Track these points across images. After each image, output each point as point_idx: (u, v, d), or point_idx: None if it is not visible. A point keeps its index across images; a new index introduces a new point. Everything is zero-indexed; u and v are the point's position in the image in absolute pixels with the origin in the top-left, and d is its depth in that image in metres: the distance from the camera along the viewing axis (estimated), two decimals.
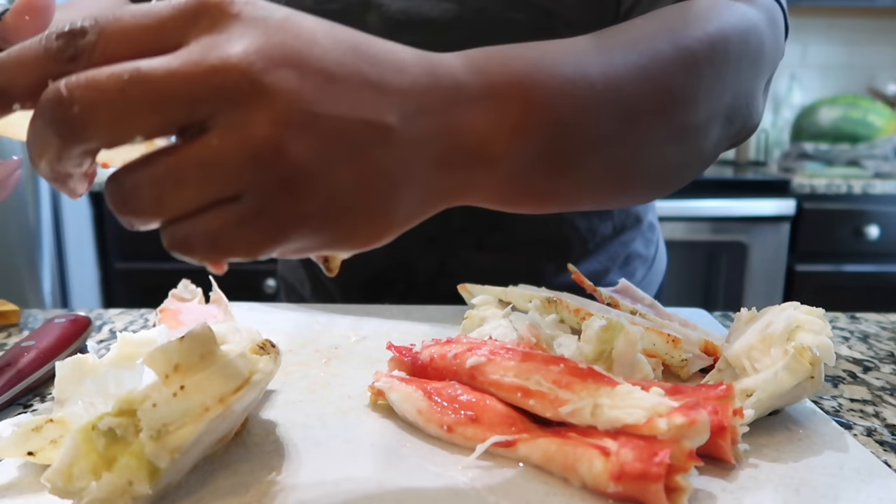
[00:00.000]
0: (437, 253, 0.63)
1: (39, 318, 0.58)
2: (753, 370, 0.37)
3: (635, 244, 0.71)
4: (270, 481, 0.31)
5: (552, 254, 0.65)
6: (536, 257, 0.65)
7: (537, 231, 0.64)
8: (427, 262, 0.64)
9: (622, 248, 0.70)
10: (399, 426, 0.36)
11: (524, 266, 0.64)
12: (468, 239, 0.63)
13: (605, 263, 0.68)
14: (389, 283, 0.64)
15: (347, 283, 0.66)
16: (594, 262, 0.67)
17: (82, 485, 0.26)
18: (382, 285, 0.64)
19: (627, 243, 0.70)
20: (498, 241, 0.63)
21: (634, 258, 0.71)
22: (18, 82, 0.24)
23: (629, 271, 0.71)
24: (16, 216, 1.64)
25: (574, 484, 0.30)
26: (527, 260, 0.64)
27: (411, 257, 0.63)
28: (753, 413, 0.34)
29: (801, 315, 0.37)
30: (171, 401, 0.27)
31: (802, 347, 0.35)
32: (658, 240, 0.76)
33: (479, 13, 0.55)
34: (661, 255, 0.76)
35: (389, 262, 0.64)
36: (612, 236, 0.68)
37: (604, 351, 0.39)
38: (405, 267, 0.64)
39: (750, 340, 0.37)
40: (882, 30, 2.30)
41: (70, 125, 0.22)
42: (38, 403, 0.41)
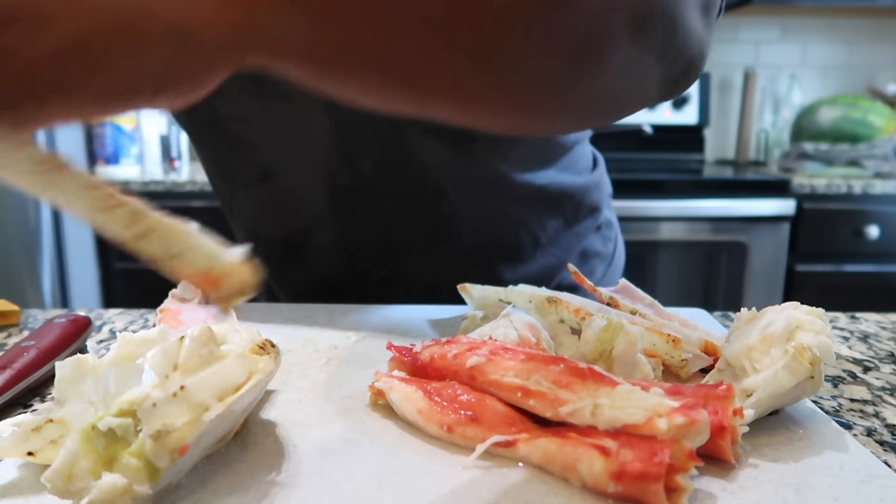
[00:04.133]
0: (387, 261, 0.63)
1: (39, 318, 0.58)
2: (753, 370, 0.37)
3: (592, 240, 0.70)
4: (270, 481, 0.31)
5: (505, 255, 0.64)
6: (489, 261, 0.64)
7: (486, 234, 0.63)
8: (378, 270, 0.64)
9: (577, 241, 0.68)
10: (399, 426, 0.36)
11: (478, 269, 0.62)
12: (415, 247, 0.62)
13: (560, 257, 0.67)
14: (342, 292, 0.64)
15: (300, 293, 0.67)
16: (549, 256, 0.66)
17: (82, 485, 0.26)
18: (335, 293, 0.64)
19: (582, 235, 0.69)
20: (446, 249, 0.62)
21: (592, 256, 0.71)
22: None
23: (588, 269, 0.70)
24: (16, 216, 1.64)
25: (574, 484, 0.30)
26: (479, 263, 0.63)
27: (361, 266, 0.63)
28: (753, 413, 0.34)
29: (801, 315, 0.37)
30: (171, 401, 0.27)
31: (802, 347, 0.35)
32: (616, 237, 0.75)
33: None
34: (619, 253, 0.76)
35: (339, 271, 0.64)
36: (564, 228, 0.66)
37: (604, 351, 0.39)
38: (356, 275, 0.64)
39: (750, 340, 0.37)
40: (882, 30, 2.30)
41: None
42: (38, 403, 0.41)
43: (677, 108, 2.24)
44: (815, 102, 2.07)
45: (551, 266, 0.66)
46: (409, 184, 0.59)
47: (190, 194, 1.85)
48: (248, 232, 0.66)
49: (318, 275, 0.64)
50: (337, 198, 0.60)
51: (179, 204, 1.85)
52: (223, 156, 0.62)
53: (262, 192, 0.62)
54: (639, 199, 1.76)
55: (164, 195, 1.85)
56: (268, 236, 0.65)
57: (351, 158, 0.58)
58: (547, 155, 0.63)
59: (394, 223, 0.61)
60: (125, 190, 0.28)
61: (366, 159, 0.58)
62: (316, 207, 0.61)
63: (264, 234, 0.65)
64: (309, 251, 0.64)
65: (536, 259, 0.65)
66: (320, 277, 0.64)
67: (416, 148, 0.57)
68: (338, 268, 0.64)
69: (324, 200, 0.60)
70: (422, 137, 0.57)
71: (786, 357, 0.35)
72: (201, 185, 1.84)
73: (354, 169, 0.59)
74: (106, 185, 0.28)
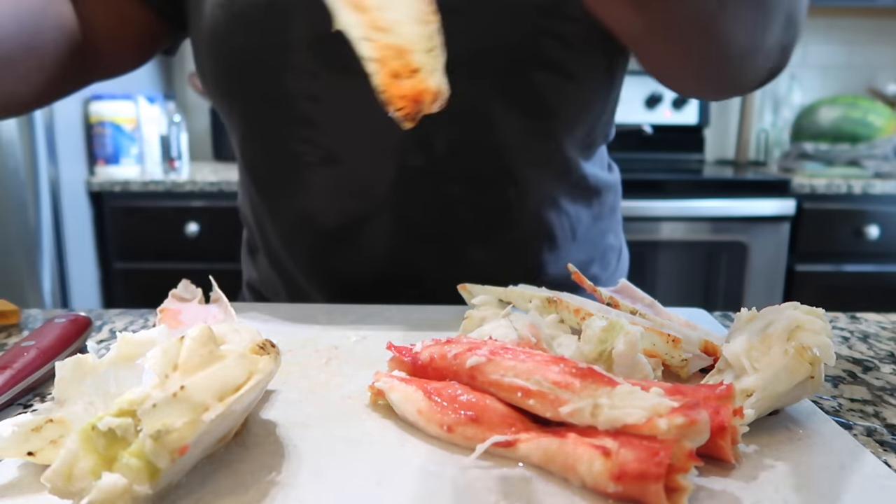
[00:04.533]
0: (442, 252, 0.62)
1: (39, 318, 0.58)
2: (753, 370, 0.37)
3: (609, 236, 0.72)
4: (270, 481, 0.31)
5: (549, 247, 0.64)
6: (536, 252, 0.64)
7: (539, 223, 0.63)
8: (429, 262, 0.62)
9: (600, 238, 0.70)
10: (399, 426, 0.36)
11: (525, 261, 0.63)
12: (474, 235, 0.62)
13: (588, 252, 0.68)
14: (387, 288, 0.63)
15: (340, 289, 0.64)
16: (580, 251, 0.67)
17: (82, 485, 0.26)
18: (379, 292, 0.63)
19: (604, 233, 0.70)
20: (502, 238, 0.62)
21: (608, 249, 0.72)
22: None
23: (605, 262, 0.71)
24: (16, 216, 1.64)
25: (574, 484, 0.30)
26: (527, 255, 0.64)
27: (412, 257, 0.62)
28: (753, 413, 0.34)
29: (801, 315, 0.37)
30: (171, 401, 0.27)
31: (802, 347, 0.35)
32: (621, 232, 0.77)
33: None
34: (625, 248, 0.77)
35: (389, 262, 0.63)
36: (592, 223, 0.68)
37: (604, 351, 0.39)
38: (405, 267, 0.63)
39: (750, 340, 0.37)
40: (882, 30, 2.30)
41: None
42: (38, 403, 0.41)
43: (677, 108, 2.24)
44: (815, 102, 2.07)
45: (581, 262, 0.68)
46: (480, 165, 0.59)
47: (190, 194, 1.85)
48: (300, 220, 0.63)
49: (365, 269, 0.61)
50: (403, 181, 0.59)
51: (179, 204, 1.85)
52: (286, 137, 0.60)
53: (324, 175, 0.60)
54: (639, 199, 1.76)
55: (164, 195, 1.85)
56: (322, 224, 0.62)
57: (425, 138, 0.57)
58: (593, 142, 0.64)
59: (457, 208, 0.60)
60: None
61: (440, 138, 0.57)
62: (379, 191, 0.59)
63: (319, 221, 0.62)
64: (364, 240, 0.62)
65: (571, 253, 0.66)
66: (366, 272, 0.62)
67: (495, 124, 0.57)
68: (388, 260, 0.62)
69: (388, 184, 0.59)
70: (505, 112, 0.56)
71: (786, 357, 0.35)
72: (201, 185, 1.84)
73: (427, 149, 0.57)
74: None
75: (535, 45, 0.54)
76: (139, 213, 1.87)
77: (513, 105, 0.56)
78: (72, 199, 1.78)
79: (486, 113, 0.57)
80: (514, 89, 0.56)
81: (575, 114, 0.59)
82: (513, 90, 0.56)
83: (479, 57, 0.54)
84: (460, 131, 0.57)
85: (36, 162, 1.64)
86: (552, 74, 0.55)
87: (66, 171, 1.75)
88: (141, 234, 1.88)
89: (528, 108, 0.57)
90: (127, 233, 1.88)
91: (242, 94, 0.59)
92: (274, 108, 0.59)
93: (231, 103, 0.61)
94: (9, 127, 1.60)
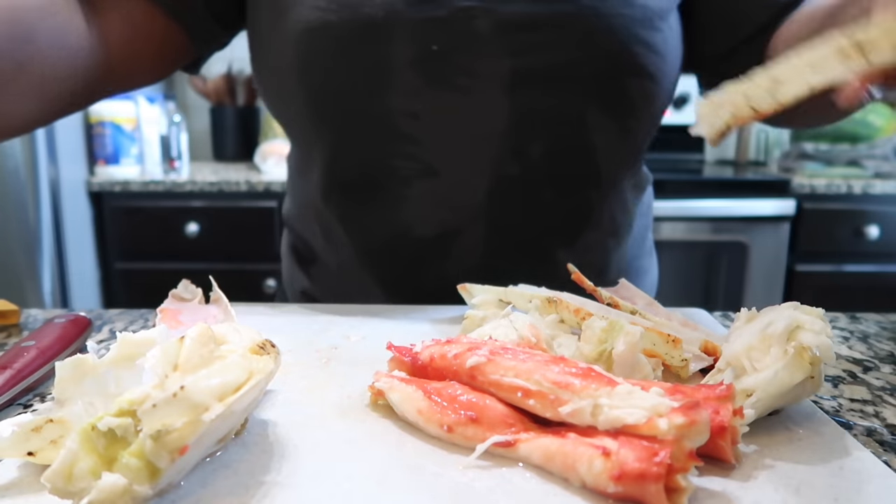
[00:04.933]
0: (532, 257, 0.63)
1: (39, 318, 0.58)
2: (753, 370, 0.37)
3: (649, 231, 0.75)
4: (270, 481, 0.31)
5: (616, 245, 0.67)
6: (604, 251, 0.66)
7: (613, 223, 0.66)
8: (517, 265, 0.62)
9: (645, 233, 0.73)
10: (399, 426, 0.36)
11: (601, 260, 0.66)
12: (560, 240, 0.64)
13: (639, 247, 0.71)
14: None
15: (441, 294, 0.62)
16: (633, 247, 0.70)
17: (82, 485, 0.26)
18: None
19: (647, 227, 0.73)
20: (584, 240, 0.64)
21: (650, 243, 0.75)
22: None
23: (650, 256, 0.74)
24: (16, 216, 1.64)
25: (574, 484, 0.30)
26: (599, 255, 0.66)
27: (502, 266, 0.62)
28: (753, 413, 0.34)
29: (801, 315, 0.37)
30: (171, 401, 0.27)
31: (802, 347, 0.35)
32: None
33: (592, 11, 0.56)
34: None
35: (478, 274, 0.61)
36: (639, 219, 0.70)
37: (604, 351, 0.39)
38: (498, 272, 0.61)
39: (750, 340, 0.37)
40: None
41: None
42: (38, 403, 0.41)
43: (677, 107, 2.24)
44: None
45: (633, 255, 0.70)
46: (570, 169, 0.61)
47: (190, 194, 1.85)
48: (394, 232, 0.63)
49: (455, 278, 0.60)
50: (498, 189, 0.60)
51: (179, 204, 1.85)
52: (384, 154, 0.61)
53: (421, 188, 0.61)
54: None
55: (164, 195, 1.85)
56: (418, 236, 0.63)
57: (521, 146, 0.59)
58: (649, 141, 0.68)
59: (547, 213, 0.62)
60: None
61: (536, 145, 0.59)
62: (474, 201, 0.61)
63: (415, 233, 0.63)
64: (456, 250, 0.63)
65: (629, 249, 0.69)
66: (455, 281, 0.60)
67: (590, 127, 0.60)
68: (479, 268, 0.62)
69: (484, 193, 0.60)
70: (598, 116, 0.59)
71: (786, 357, 0.35)
72: (201, 185, 1.84)
73: (523, 157, 0.59)
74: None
75: (629, 52, 0.57)
76: (139, 213, 1.87)
77: (605, 109, 0.60)
78: (72, 199, 1.78)
79: (581, 118, 0.59)
80: (607, 94, 0.59)
81: (656, 114, 0.64)
82: (607, 95, 0.59)
83: (578, 66, 0.57)
84: (556, 137, 0.60)
85: (36, 162, 1.64)
86: (641, 79, 0.59)
87: (66, 171, 1.75)
88: (141, 234, 1.88)
89: (618, 111, 0.60)
90: (127, 233, 1.88)
91: (338, 116, 0.60)
92: (372, 126, 0.59)
93: (322, 125, 0.61)
94: None
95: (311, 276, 0.71)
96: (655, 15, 0.59)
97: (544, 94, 0.57)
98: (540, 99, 0.57)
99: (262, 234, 1.87)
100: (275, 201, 1.85)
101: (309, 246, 0.70)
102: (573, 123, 0.59)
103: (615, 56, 0.57)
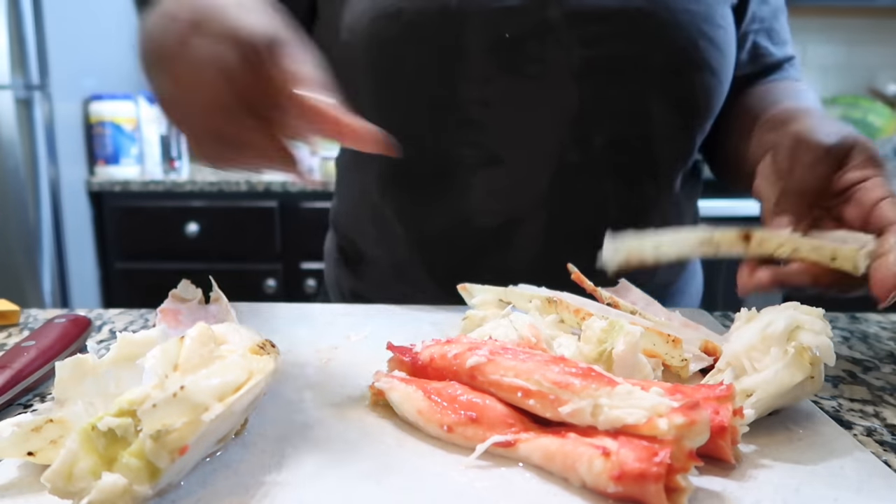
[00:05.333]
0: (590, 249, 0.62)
1: (39, 318, 0.58)
2: (753, 370, 0.37)
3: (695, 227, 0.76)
4: (270, 481, 0.31)
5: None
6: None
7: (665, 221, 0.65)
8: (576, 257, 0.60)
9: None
10: (399, 426, 0.36)
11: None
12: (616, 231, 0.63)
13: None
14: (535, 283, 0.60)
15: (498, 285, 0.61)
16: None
17: (82, 485, 0.26)
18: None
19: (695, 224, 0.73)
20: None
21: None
22: None
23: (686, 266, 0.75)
24: (16, 216, 1.64)
25: (574, 484, 0.30)
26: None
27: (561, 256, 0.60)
28: (753, 413, 0.34)
29: (801, 315, 0.37)
30: (171, 401, 0.27)
31: (802, 347, 0.35)
32: None
33: (662, 6, 0.57)
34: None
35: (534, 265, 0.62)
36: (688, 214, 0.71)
37: (604, 351, 0.39)
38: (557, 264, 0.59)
39: (750, 340, 0.37)
40: (882, 30, 2.30)
41: None
42: (38, 403, 0.41)
43: None
44: None
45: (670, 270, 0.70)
46: (631, 161, 0.62)
47: (190, 194, 1.85)
48: (456, 222, 0.63)
49: (514, 269, 0.60)
50: (559, 178, 0.61)
51: (179, 204, 1.85)
52: (450, 142, 0.61)
53: (485, 176, 0.61)
54: None
55: (164, 195, 1.85)
56: (480, 225, 0.63)
57: (586, 136, 0.60)
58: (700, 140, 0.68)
59: (607, 205, 0.63)
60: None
61: (600, 135, 0.60)
62: (536, 190, 0.61)
63: (477, 223, 0.63)
64: (518, 239, 0.63)
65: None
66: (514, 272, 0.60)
67: (653, 120, 0.61)
68: (538, 258, 0.63)
69: (546, 182, 0.61)
70: (662, 108, 0.61)
71: (786, 357, 0.35)
72: (201, 185, 1.84)
73: (586, 146, 0.60)
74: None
75: (694, 47, 0.59)
76: (139, 213, 1.87)
77: (669, 102, 0.61)
78: (72, 199, 1.78)
79: (646, 110, 0.60)
80: (672, 87, 0.60)
81: (713, 110, 0.65)
82: (671, 88, 0.60)
83: (646, 58, 0.59)
84: (619, 128, 0.61)
85: (36, 162, 1.64)
86: (704, 73, 0.61)
87: (66, 171, 1.75)
88: (141, 234, 1.88)
89: (681, 104, 0.62)
90: (127, 233, 1.88)
91: (407, 104, 0.60)
92: (441, 114, 0.60)
93: (390, 113, 0.60)
94: (9, 127, 1.60)
95: (360, 276, 0.71)
96: (717, 13, 0.60)
97: (612, 85, 0.59)
98: (608, 89, 0.58)
99: (262, 234, 1.87)
100: (275, 201, 1.85)
101: (356, 246, 0.71)
102: (638, 114, 0.61)
103: (681, 50, 0.59)
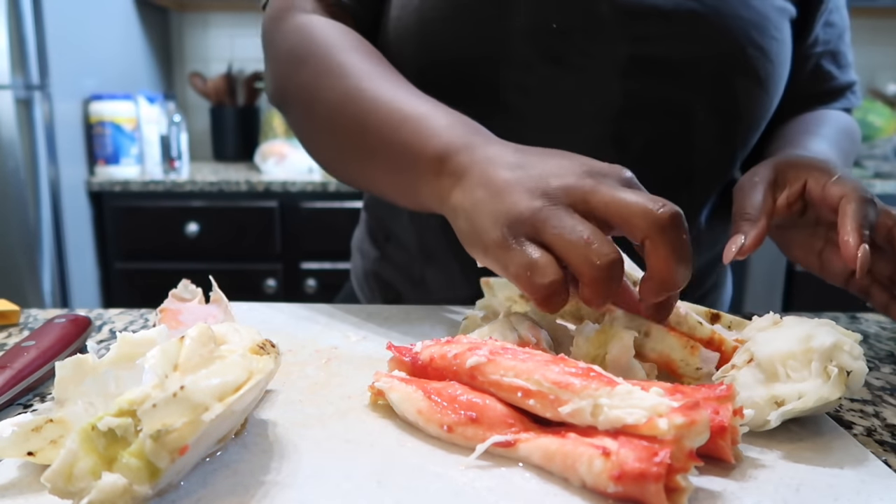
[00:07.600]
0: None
1: (39, 318, 0.58)
2: (787, 377, 0.36)
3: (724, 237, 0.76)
4: (270, 481, 0.31)
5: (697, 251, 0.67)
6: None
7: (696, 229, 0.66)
8: None
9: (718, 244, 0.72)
10: (399, 426, 0.36)
11: None
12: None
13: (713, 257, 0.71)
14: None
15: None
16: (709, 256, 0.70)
17: (82, 485, 0.26)
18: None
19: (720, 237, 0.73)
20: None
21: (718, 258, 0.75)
22: None
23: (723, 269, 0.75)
24: (16, 216, 1.64)
25: (574, 484, 0.30)
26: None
27: None
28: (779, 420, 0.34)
29: (841, 336, 0.37)
30: (171, 401, 0.27)
31: (843, 370, 0.35)
32: None
33: (713, 10, 0.57)
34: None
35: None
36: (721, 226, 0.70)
37: (597, 356, 0.39)
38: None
39: (791, 347, 0.36)
40: (882, 30, 2.30)
41: None
42: (38, 403, 0.41)
43: None
44: None
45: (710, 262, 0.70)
46: (666, 165, 0.61)
47: (190, 194, 1.85)
48: None
49: None
50: None
51: (179, 204, 1.85)
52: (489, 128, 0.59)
53: None
54: None
55: (164, 195, 1.85)
56: None
57: (624, 134, 0.59)
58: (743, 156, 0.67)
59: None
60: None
61: (639, 135, 0.59)
62: None
63: None
64: None
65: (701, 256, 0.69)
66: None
67: (694, 123, 0.60)
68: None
69: None
70: (704, 113, 0.60)
71: (827, 375, 0.35)
72: (201, 185, 1.84)
73: (622, 146, 0.59)
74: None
75: (742, 54, 0.58)
76: (139, 213, 1.87)
77: (711, 108, 0.60)
78: (72, 199, 1.78)
79: (687, 114, 0.60)
80: (716, 92, 0.60)
81: (760, 119, 0.64)
82: (715, 93, 0.60)
83: (693, 60, 0.58)
84: (658, 130, 0.60)
85: (36, 162, 1.64)
86: (749, 81, 0.60)
87: (66, 171, 1.75)
88: (141, 234, 1.88)
89: (724, 111, 0.61)
90: (127, 233, 1.88)
91: (448, 86, 0.59)
92: (481, 97, 0.59)
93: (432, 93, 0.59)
94: (9, 127, 1.60)
95: (386, 257, 0.72)
96: (771, 23, 0.60)
97: (657, 84, 0.58)
98: (651, 88, 0.58)
99: (262, 234, 1.87)
100: (275, 201, 1.85)
101: (385, 224, 0.71)
102: (679, 117, 0.60)
103: (728, 56, 0.58)
